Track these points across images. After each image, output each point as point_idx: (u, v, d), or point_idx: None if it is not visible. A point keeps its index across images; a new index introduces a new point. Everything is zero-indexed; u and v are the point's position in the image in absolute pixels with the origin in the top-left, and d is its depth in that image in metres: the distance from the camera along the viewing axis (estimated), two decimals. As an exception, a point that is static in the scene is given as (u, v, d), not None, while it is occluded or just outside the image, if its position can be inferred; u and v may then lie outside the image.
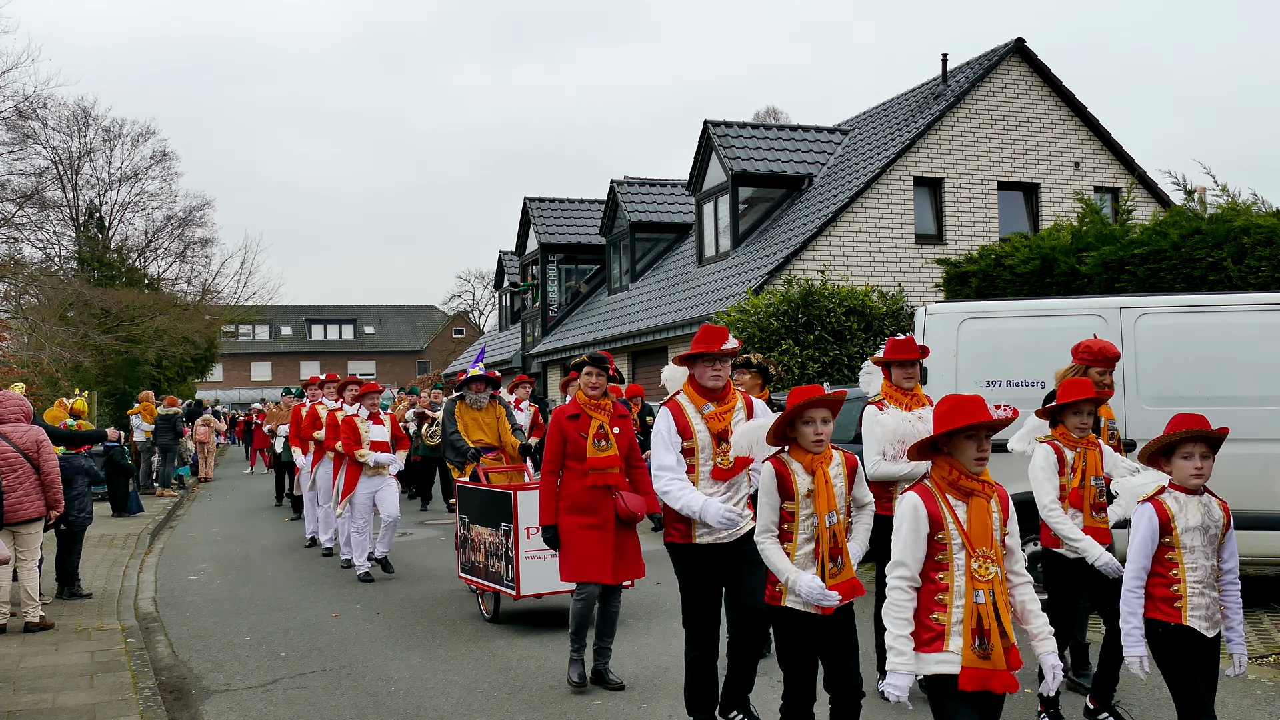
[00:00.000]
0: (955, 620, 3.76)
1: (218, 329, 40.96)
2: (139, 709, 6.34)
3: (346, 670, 7.43)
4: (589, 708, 6.34)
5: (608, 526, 6.59)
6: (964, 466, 3.83)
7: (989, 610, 3.73)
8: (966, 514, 3.81)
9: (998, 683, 3.72)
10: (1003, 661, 3.73)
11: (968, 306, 8.99)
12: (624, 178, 26.27)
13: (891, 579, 3.86)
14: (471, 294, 72.75)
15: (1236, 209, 10.47)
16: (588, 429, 6.61)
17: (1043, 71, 19.41)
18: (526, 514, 7.97)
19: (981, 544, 3.78)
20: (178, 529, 16.50)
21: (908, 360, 6.27)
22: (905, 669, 3.78)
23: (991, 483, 3.86)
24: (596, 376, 6.71)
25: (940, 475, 3.88)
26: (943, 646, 3.76)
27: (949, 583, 3.78)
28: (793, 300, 14.27)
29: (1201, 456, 4.28)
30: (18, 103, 27.74)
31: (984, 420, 3.77)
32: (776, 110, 48.95)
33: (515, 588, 8.02)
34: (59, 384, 20.99)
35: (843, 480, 4.54)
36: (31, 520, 8.68)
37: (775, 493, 4.48)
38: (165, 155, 38.26)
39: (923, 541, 3.81)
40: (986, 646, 3.71)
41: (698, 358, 5.49)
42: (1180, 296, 8.57)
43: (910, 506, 3.84)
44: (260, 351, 71.56)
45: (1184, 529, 4.29)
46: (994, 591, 3.75)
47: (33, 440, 8.72)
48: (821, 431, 4.45)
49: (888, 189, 18.74)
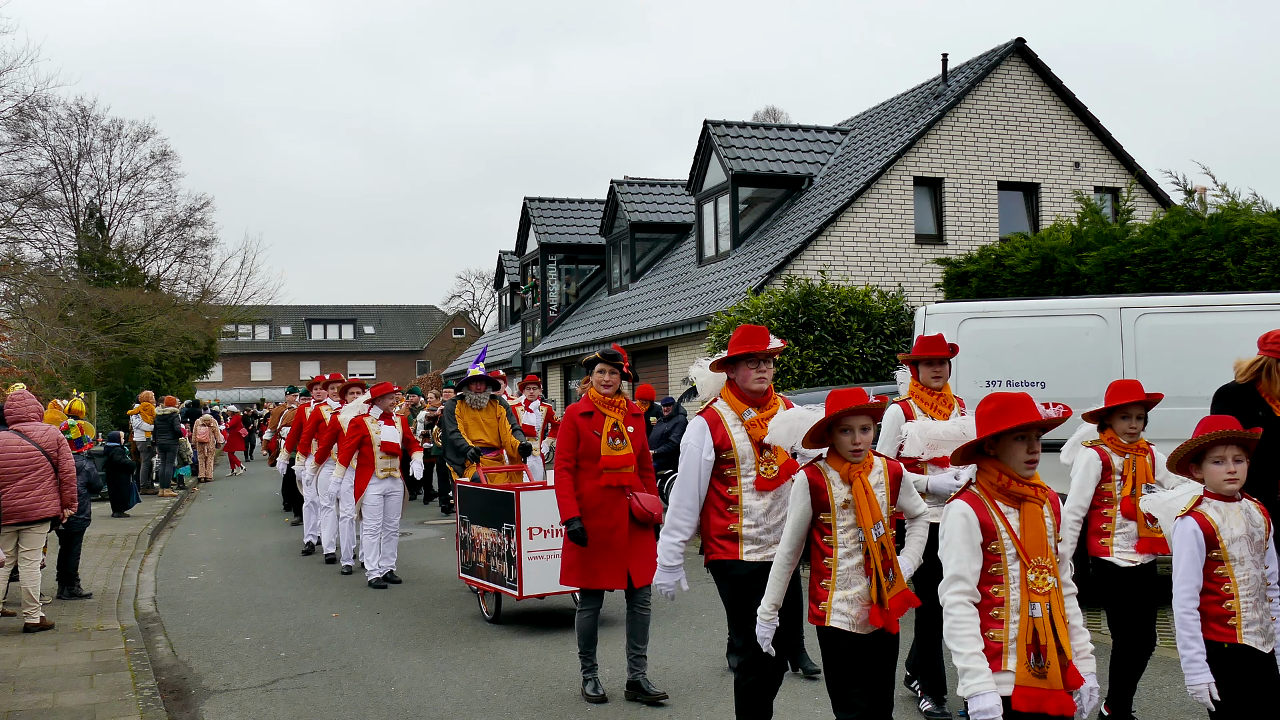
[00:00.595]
0: (1012, 637, 3.48)
1: (217, 329, 40.91)
2: (139, 709, 6.34)
3: (346, 670, 7.43)
4: (589, 708, 6.34)
5: (621, 529, 6.34)
6: (1014, 470, 3.55)
7: (1046, 625, 3.46)
8: (1019, 521, 3.53)
9: (1054, 704, 3.43)
10: (1059, 680, 3.44)
11: (968, 306, 8.99)
12: (624, 178, 26.25)
13: (950, 596, 3.55)
14: (471, 294, 72.81)
15: (1236, 209, 10.47)
16: (602, 427, 6.37)
17: (1043, 71, 19.41)
18: (529, 514, 7.95)
19: (1037, 553, 3.50)
20: (178, 529, 16.50)
21: (936, 358, 6.00)
22: (988, 689, 3.44)
23: (1044, 486, 3.59)
24: (609, 374, 6.45)
25: (988, 481, 3.59)
26: (1000, 666, 3.48)
27: (1004, 596, 3.50)
28: (793, 300, 14.26)
29: (1234, 460, 4.03)
30: (18, 103, 27.75)
31: (1034, 420, 3.51)
32: (776, 110, 48.96)
33: (518, 588, 7.97)
34: (59, 384, 20.97)
35: (885, 490, 4.20)
36: (45, 519, 8.72)
37: (808, 505, 4.15)
38: (165, 155, 38.22)
39: (977, 552, 3.53)
40: (1043, 664, 3.44)
41: (741, 359, 5.08)
42: (1180, 296, 8.58)
43: (960, 515, 3.56)
44: (260, 351, 71.54)
45: (1230, 540, 4.03)
46: (1051, 604, 3.48)
47: (53, 439, 8.77)
48: (860, 441, 4.11)
49: (888, 189, 18.73)
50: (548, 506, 7.92)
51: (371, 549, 10.74)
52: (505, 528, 8.14)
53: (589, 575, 6.37)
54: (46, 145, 34.27)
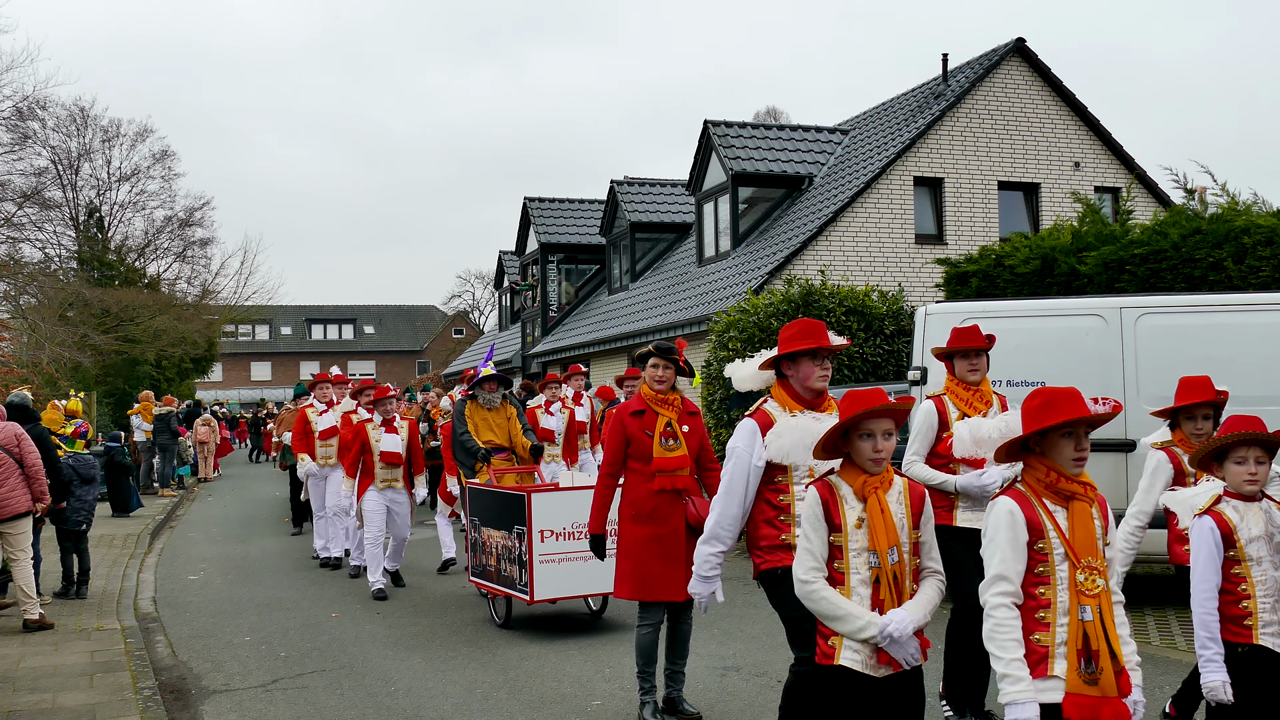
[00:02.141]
0: (1059, 641, 3.34)
1: (217, 329, 40.94)
2: (139, 709, 6.34)
3: (346, 670, 7.43)
4: (589, 708, 6.34)
5: (678, 535, 5.84)
6: (1062, 468, 3.42)
7: (1097, 628, 3.31)
8: (1068, 520, 3.40)
9: (1109, 712, 3.29)
10: (1113, 687, 3.29)
11: (968, 306, 8.99)
12: (624, 177, 26.23)
13: (992, 597, 3.37)
14: (471, 294, 72.82)
15: (1237, 209, 10.47)
16: (654, 427, 5.87)
17: (1043, 71, 19.40)
18: (540, 516, 7.78)
19: (1086, 554, 3.37)
20: (178, 529, 16.51)
21: (973, 350, 5.65)
22: (1027, 697, 3.29)
23: (1092, 485, 3.47)
24: (663, 369, 5.93)
25: (1035, 478, 3.46)
26: (1046, 671, 3.32)
27: (1051, 598, 3.36)
28: (793, 300, 14.25)
29: (1256, 461, 3.98)
30: (17, 103, 27.72)
31: (1082, 415, 3.38)
32: (776, 110, 48.94)
33: (529, 592, 7.79)
34: (59, 384, 20.98)
35: (904, 511, 3.80)
36: (20, 516, 8.65)
37: (821, 522, 3.77)
38: (165, 155, 38.22)
39: (1022, 551, 3.37)
40: (1095, 670, 3.29)
41: (804, 355, 4.60)
42: (1180, 296, 8.57)
43: (1006, 512, 3.41)
44: (260, 351, 71.56)
45: (1248, 539, 3.97)
46: (1101, 607, 3.34)
47: (11, 435, 8.69)
48: (882, 448, 3.75)
49: (888, 189, 18.73)
50: (560, 508, 7.82)
51: (372, 559, 10.19)
52: (516, 530, 7.95)
53: (644, 586, 5.88)
54: (46, 145, 34.27)
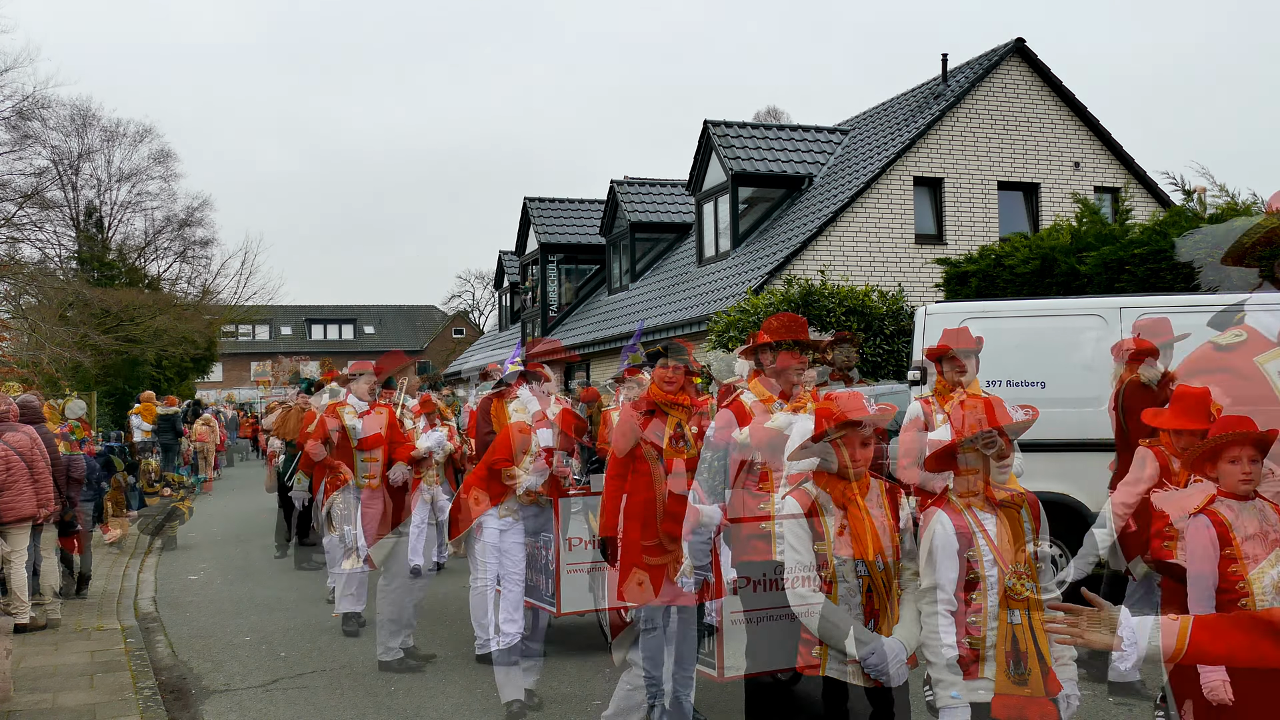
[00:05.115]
0: (990, 643, 3.45)
1: (218, 329, 40.92)
2: (139, 709, 6.34)
3: (346, 670, 7.43)
4: (589, 708, 6.34)
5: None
6: (986, 476, 3.52)
7: (1025, 631, 3.42)
8: (996, 528, 3.49)
9: (1035, 711, 3.39)
10: (1041, 688, 3.40)
11: (968, 306, 8.99)
12: (624, 177, 26.24)
13: (927, 605, 3.52)
14: (471, 294, 72.78)
15: (1236, 209, 10.47)
16: (663, 428, 5.73)
17: (1043, 71, 19.40)
18: (568, 522, 7.26)
19: (1014, 560, 3.48)
20: (178, 529, 16.49)
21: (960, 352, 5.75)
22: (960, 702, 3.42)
23: (1021, 491, 3.57)
24: (673, 370, 5.76)
25: (964, 487, 3.54)
26: (977, 673, 3.44)
27: (981, 603, 3.47)
28: (793, 300, 14.26)
29: (1250, 460, 3.92)
30: (17, 103, 27.73)
31: (999, 425, 3.46)
32: (777, 110, 48.93)
33: (556, 604, 7.14)
34: (59, 384, 20.98)
35: (884, 513, 3.79)
36: (24, 519, 8.66)
37: (805, 532, 3.75)
38: (165, 155, 38.23)
39: (954, 560, 3.47)
40: (1023, 671, 3.40)
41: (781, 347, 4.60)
42: (1180, 296, 8.57)
43: (936, 525, 3.52)
44: (260, 351, 71.51)
45: (1243, 538, 3.93)
46: (1030, 610, 3.44)
47: (27, 440, 8.72)
48: (859, 457, 3.75)
49: (888, 189, 18.73)
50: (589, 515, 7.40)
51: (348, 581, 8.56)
52: (542, 537, 7.34)
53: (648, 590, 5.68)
54: (46, 145, 34.27)
